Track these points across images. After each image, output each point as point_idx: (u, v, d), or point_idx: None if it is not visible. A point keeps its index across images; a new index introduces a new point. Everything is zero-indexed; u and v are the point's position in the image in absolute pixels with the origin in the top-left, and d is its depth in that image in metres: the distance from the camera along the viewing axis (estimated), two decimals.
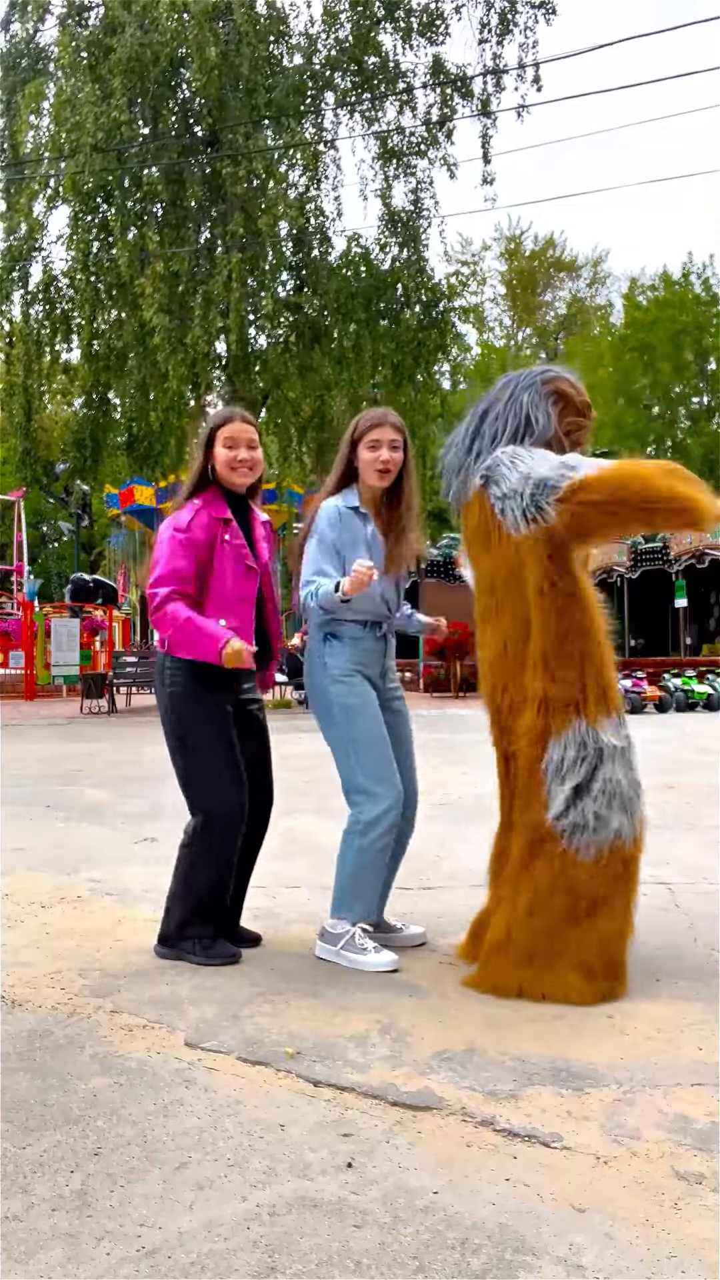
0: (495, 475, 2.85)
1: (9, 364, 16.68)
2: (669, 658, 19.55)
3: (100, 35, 14.67)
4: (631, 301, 34.09)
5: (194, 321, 13.91)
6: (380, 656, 3.17)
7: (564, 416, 2.95)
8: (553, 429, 2.92)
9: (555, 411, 2.93)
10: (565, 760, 2.76)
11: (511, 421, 2.91)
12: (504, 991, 2.76)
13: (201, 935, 3.07)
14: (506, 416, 2.92)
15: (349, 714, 3.03)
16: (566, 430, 2.96)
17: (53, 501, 30.55)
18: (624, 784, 2.78)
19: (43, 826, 5.36)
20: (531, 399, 2.92)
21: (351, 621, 3.09)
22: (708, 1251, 1.60)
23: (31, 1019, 2.61)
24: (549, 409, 2.92)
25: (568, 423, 2.96)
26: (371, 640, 3.13)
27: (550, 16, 15.69)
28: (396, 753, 3.14)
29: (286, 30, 15.67)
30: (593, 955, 2.75)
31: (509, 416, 2.92)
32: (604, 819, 2.75)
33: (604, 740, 2.77)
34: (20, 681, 17.38)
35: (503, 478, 2.82)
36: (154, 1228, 1.67)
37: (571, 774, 2.76)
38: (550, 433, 2.91)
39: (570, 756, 2.76)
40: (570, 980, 2.72)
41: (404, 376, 16.35)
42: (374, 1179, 1.81)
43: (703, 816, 5.52)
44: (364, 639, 3.11)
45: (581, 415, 2.99)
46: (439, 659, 18.79)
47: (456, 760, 8.13)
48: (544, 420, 2.90)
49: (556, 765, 2.77)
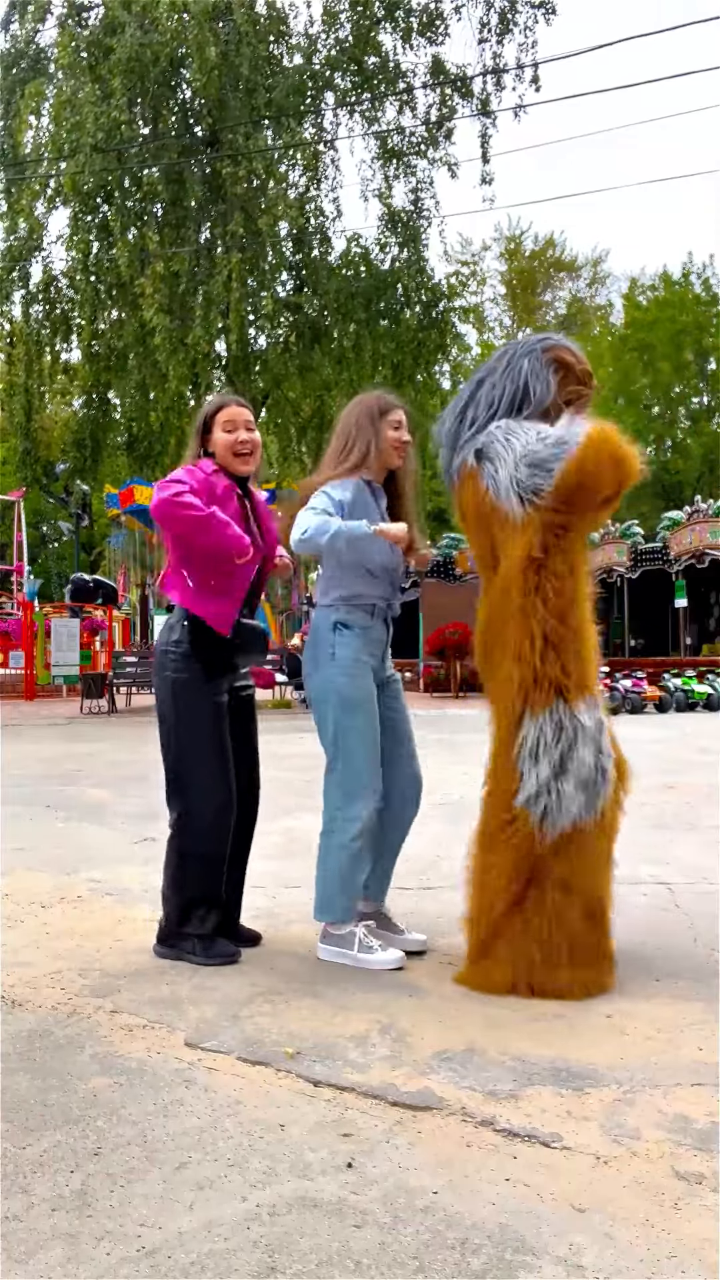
0: (489, 453, 2.80)
1: (9, 364, 16.71)
2: (669, 658, 19.55)
3: (100, 35, 14.68)
4: (631, 301, 34.10)
5: (194, 321, 13.92)
6: (385, 644, 3.17)
7: (564, 385, 2.91)
8: (551, 397, 2.87)
9: (555, 380, 2.88)
10: (542, 740, 2.73)
11: (509, 389, 2.87)
12: (494, 989, 2.76)
13: (200, 933, 3.05)
14: (504, 384, 2.88)
15: (349, 708, 3.00)
16: (567, 399, 2.91)
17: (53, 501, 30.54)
18: (590, 765, 2.74)
19: (43, 826, 5.36)
20: (531, 366, 2.87)
21: (361, 609, 3.07)
22: (708, 1251, 1.60)
23: (31, 1019, 2.61)
24: (549, 377, 2.87)
25: (568, 391, 2.91)
26: (379, 628, 3.12)
27: (550, 16, 15.70)
28: (395, 735, 3.14)
29: (286, 30, 15.68)
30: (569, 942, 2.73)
31: (506, 384, 2.88)
32: (570, 799, 2.72)
33: (580, 721, 2.74)
34: (20, 681, 17.38)
35: (496, 455, 2.77)
36: (154, 1228, 1.67)
37: (546, 754, 2.72)
38: (549, 401, 2.87)
39: (547, 737, 2.73)
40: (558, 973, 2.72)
41: (404, 376, 16.35)
42: (374, 1179, 1.81)
43: (703, 816, 5.52)
44: (373, 627, 3.09)
45: (582, 384, 2.95)
46: (439, 659, 18.79)
47: (457, 760, 8.13)
48: (542, 389, 2.86)
49: (532, 745, 2.74)
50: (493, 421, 2.87)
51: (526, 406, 2.86)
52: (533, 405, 2.86)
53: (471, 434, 2.90)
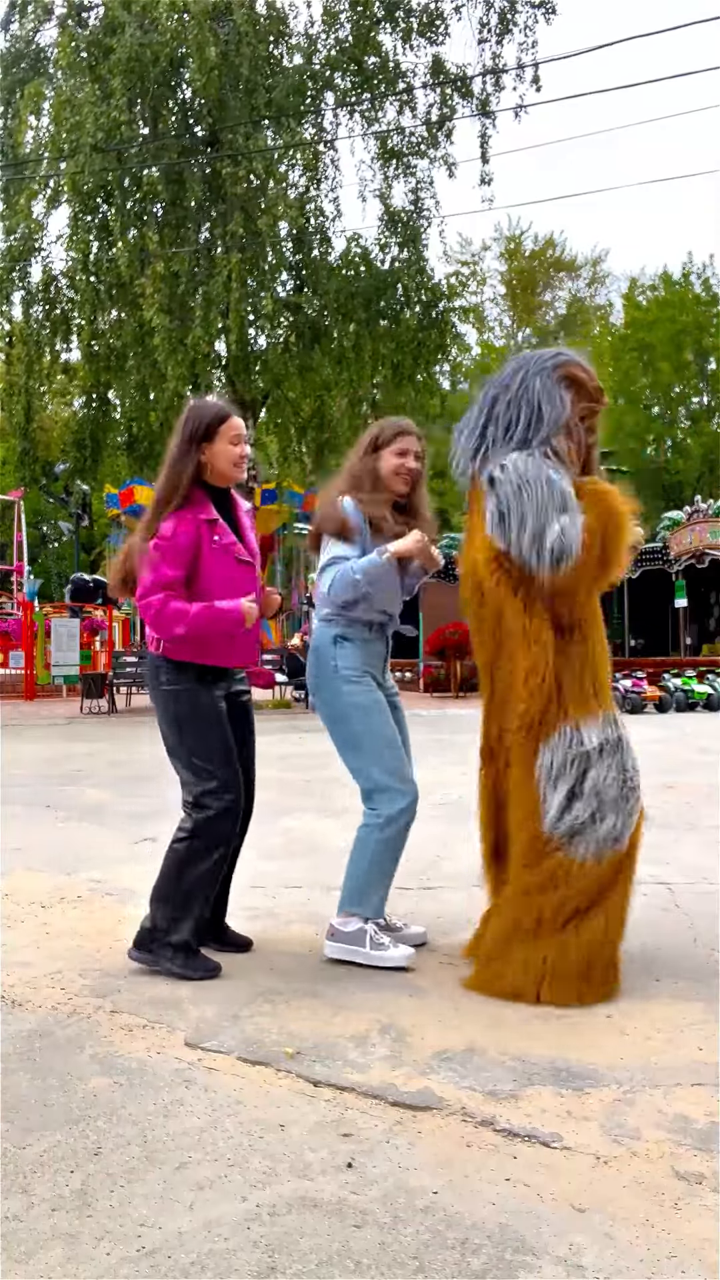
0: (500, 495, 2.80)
1: (9, 364, 16.69)
2: (669, 658, 19.55)
3: (100, 35, 14.68)
4: (631, 301, 34.08)
5: (194, 321, 13.92)
6: (384, 658, 3.22)
7: (577, 402, 2.92)
8: (565, 415, 2.88)
9: (569, 397, 2.90)
10: (554, 764, 2.75)
11: (524, 410, 2.88)
12: (501, 994, 2.76)
13: (181, 943, 2.97)
14: (520, 404, 2.89)
15: (364, 713, 3.04)
16: (580, 416, 2.94)
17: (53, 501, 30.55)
18: (613, 784, 2.76)
19: (43, 826, 5.36)
20: (543, 385, 2.88)
21: (361, 624, 3.10)
22: (708, 1251, 1.60)
23: (31, 1019, 2.61)
24: (562, 394, 2.88)
25: (580, 408, 2.93)
26: (380, 643, 3.17)
27: (550, 16, 15.70)
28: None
29: (286, 30, 15.68)
30: (588, 958, 2.74)
31: (521, 404, 2.88)
32: (596, 820, 2.74)
33: (590, 741, 2.76)
34: (20, 681, 17.38)
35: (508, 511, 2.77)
36: (154, 1228, 1.67)
37: (564, 777, 2.74)
38: (563, 419, 2.88)
39: (559, 759, 2.75)
40: (568, 985, 2.72)
41: (404, 376, 16.35)
42: (374, 1179, 1.81)
43: (703, 816, 5.52)
44: (373, 641, 3.14)
45: (594, 400, 2.97)
46: (439, 659, 18.79)
47: (456, 760, 8.13)
48: (556, 408, 2.87)
49: (548, 769, 2.76)
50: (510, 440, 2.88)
51: (540, 427, 2.87)
52: (546, 425, 2.87)
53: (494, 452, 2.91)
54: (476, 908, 3.65)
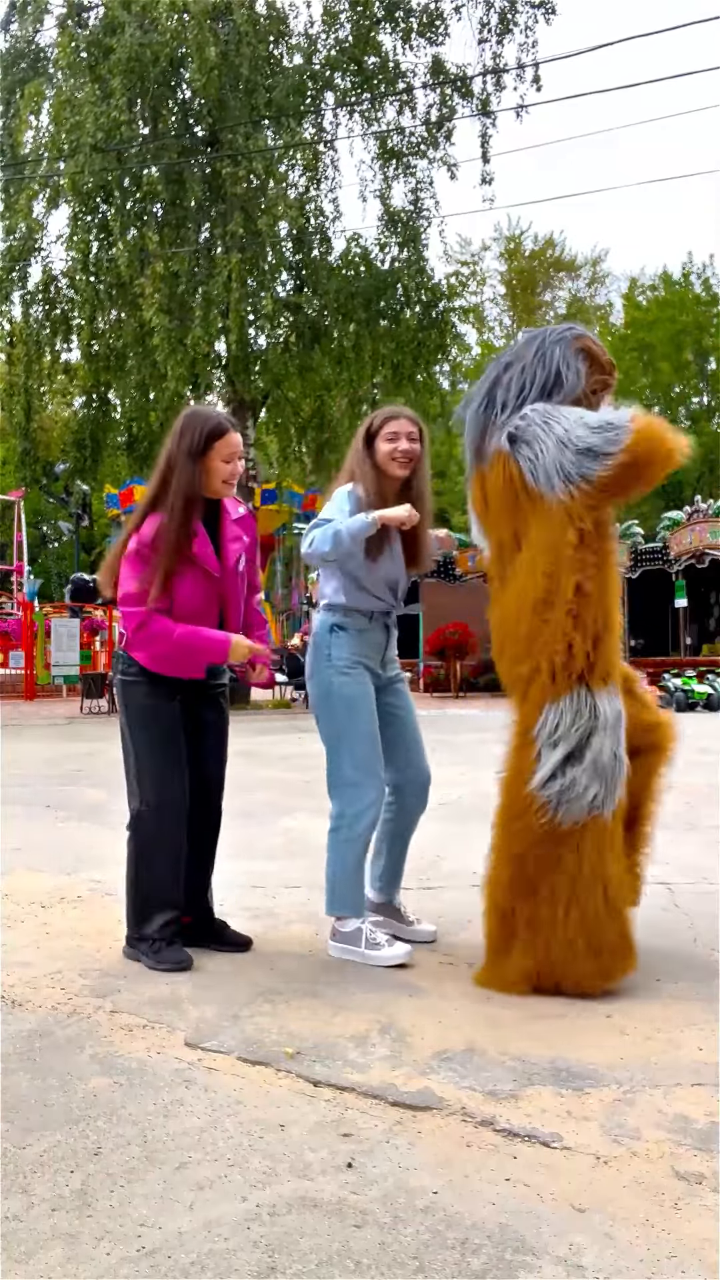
0: (526, 435, 2.79)
1: (9, 364, 16.69)
2: (669, 658, 19.55)
3: (100, 35, 14.67)
4: (631, 301, 34.11)
5: (194, 321, 13.91)
6: (383, 647, 3.20)
7: (590, 375, 2.92)
8: (581, 385, 2.88)
9: (585, 368, 2.90)
10: (561, 725, 2.72)
11: (541, 374, 2.86)
12: (513, 986, 2.75)
13: (153, 937, 3.02)
14: (535, 369, 2.88)
15: (348, 706, 3.06)
16: (592, 389, 2.93)
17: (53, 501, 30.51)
18: (609, 754, 2.74)
19: (43, 826, 5.36)
20: (563, 353, 2.87)
21: (359, 613, 3.11)
22: (708, 1251, 1.60)
23: (31, 1019, 2.61)
24: (579, 365, 2.88)
25: (593, 381, 2.93)
26: (378, 631, 3.16)
27: (550, 16, 15.69)
28: (402, 731, 3.20)
29: (286, 30, 15.67)
30: (593, 934, 2.73)
31: (538, 369, 2.87)
32: (586, 786, 2.71)
33: (601, 709, 2.74)
34: (20, 681, 17.38)
35: (535, 438, 2.76)
36: (154, 1228, 1.67)
37: (565, 739, 2.72)
38: (579, 389, 2.88)
39: (566, 721, 2.72)
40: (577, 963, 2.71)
41: (404, 376, 16.35)
42: (374, 1179, 1.81)
43: (703, 816, 5.52)
44: (370, 630, 3.14)
45: (606, 374, 2.97)
46: (439, 659, 18.79)
47: (457, 760, 8.13)
48: (574, 376, 2.87)
49: (551, 729, 2.73)
50: (524, 406, 2.87)
51: (557, 392, 2.86)
52: (564, 391, 2.86)
53: (505, 417, 2.88)
54: (476, 908, 3.65)
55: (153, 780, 3.04)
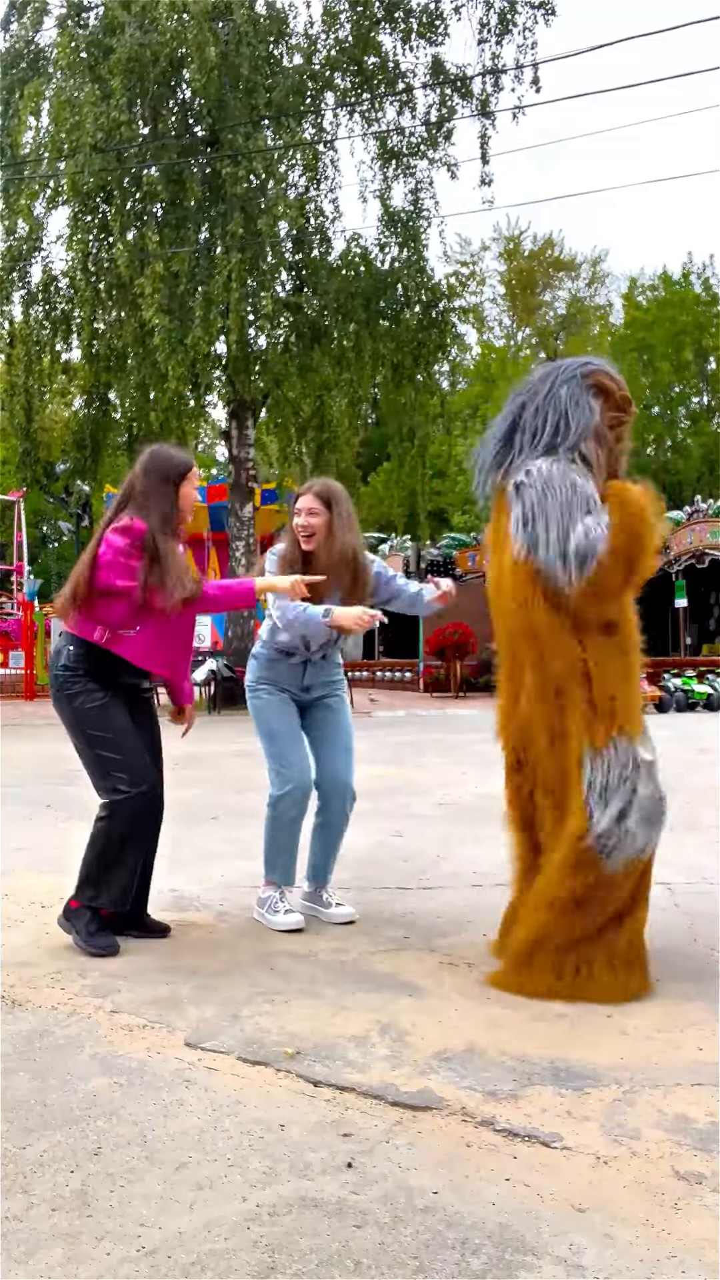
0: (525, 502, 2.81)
1: (9, 364, 16.67)
2: (669, 658, 19.54)
3: (100, 35, 14.65)
4: (631, 302, 34.09)
5: (194, 322, 13.90)
6: (298, 676, 3.56)
7: (604, 412, 2.93)
8: (593, 422, 2.89)
9: (598, 406, 2.91)
10: (610, 780, 2.75)
11: (551, 417, 2.89)
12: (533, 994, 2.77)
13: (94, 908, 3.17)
14: (546, 411, 2.90)
15: (258, 713, 3.58)
16: (609, 425, 2.94)
17: (53, 501, 30.50)
18: (649, 799, 2.78)
19: (43, 826, 5.36)
20: (571, 394, 2.89)
21: (274, 648, 3.54)
22: (708, 1251, 1.60)
23: (31, 1019, 2.61)
24: (590, 403, 2.89)
25: (609, 418, 2.94)
26: (285, 665, 3.55)
27: (550, 18, 15.66)
28: (324, 742, 3.59)
29: (286, 30, 15.64)
30: (619, 955, 2.78)
31: (548, 411, 2.90)
32: (636, 835, 2.76)
33: (640, 757, 2.78)
34: (20, 681, 17.36)
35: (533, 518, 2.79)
36: (154, 1228, 1.67)
37: (617, 795, 2.75)
38: (591, 426, 2.89)
39: (614, 776, 2.75)
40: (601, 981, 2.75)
41: (404, 376, 16.34)
42: (374, 1179, 1.81)
43: (703, 816, 5.52)
44: (279, 661, 3.55)
45: (621, 410, 2.98)
46: (439, 659, 18.79)
47: (456, 760, 8.13)
48: (584, 417, 2.88)
49: (601, 786, 2.75)
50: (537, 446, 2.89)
51: (568, 435, 2.88)
52: (574, 434, 2.88)
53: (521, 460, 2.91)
54: (476, 908, 3.66)
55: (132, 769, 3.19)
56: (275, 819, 3.50)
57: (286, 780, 3.47)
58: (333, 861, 3.65)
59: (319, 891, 3.63)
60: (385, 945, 3.24)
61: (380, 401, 17.73)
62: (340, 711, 3.67)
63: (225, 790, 5.31)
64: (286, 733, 3.53)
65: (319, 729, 3.62)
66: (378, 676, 21.32)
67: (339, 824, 3.60)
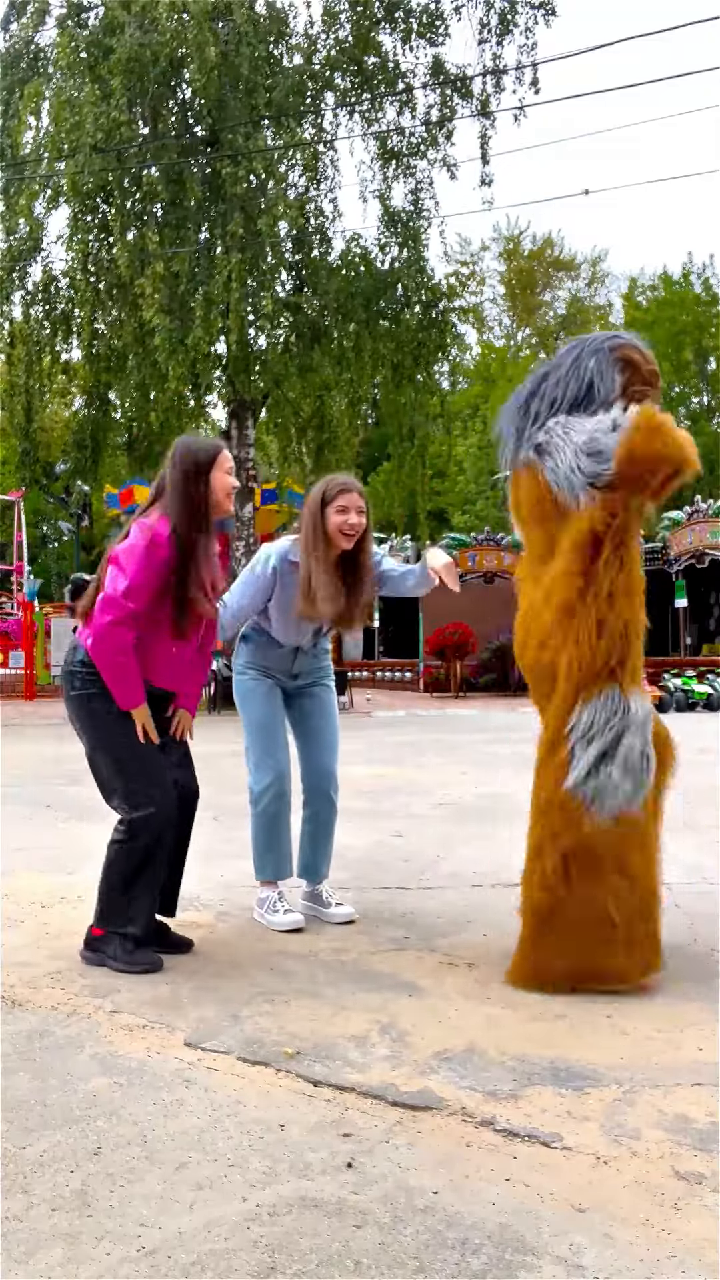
0: (549, 447, 2.85)
1: (9, 364, 16.68)
2: (669, 658, 19.54)
3: (100, 36, 14.66)
4: (631, 302, 34.10)
5: (194, 322, 13.90)
6: (287, 663, 3.53)
7: (630, 383, 2.93)
8: (615, 393, 2.89)
9: (621, 378, 2.91)
10: (595, 723, 2.75)
11: (574, 385, 2.90)
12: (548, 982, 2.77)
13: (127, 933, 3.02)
14: (569, 380, 2.91)
15: (242, 700, 3.52)
16: (635, 398, 2.93)
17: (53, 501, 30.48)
18: (637, 753, 2.77)
19: (43, 826, 5.36)
20: (597, 364, 2.89)
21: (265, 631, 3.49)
22: (708, 1251, 1.60)
23: (31, 1019, 2.61)
24: (614, 374, 2.90)
25: (634, 391, 2.93)
26: (276, 651, 3.50)
27: (550, 18, 15.67)
28: (309, 733, 3.58)
29: (286, 30, 15.64)
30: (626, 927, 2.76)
31: (570, 380, 2.91)
32: (618, 784, 2.74)
33: (633, 708, 2.78)
34: (20, 681, 17.37)
35: (556, 449, 2.82)
36: (154, 1228, 1.67)
37: (599, 737, 2.75)
38: (613, 397, 2.89)
39: (600, 720, 2.75)
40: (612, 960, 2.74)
41: (404, 376, 16.34)
42: (374, 1179, 1.81)
43: (702, 816, 5.52)
44: (270, 647, 3.51)
45: (648, 383, 2.97)
46: (439, 659, 18.79)
47: (457, 760, 8.13)
48: (606, 386, 2.88)
49: (585, 727, 2.76)
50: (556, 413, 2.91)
51: (590, 404, 2.89)
52: (596, 402, 2.88)
53: (535, 429, 2.94)
54: (476, 908, 3.66)
55: (149, 785, 3.02)
56: (260, 815, 3.45)
57: (267, 771, 3.43)
58: (325, 857, 3.61)
59: (318, 890, 3.60)
60: (385, 945, 3.24)
61: (380, 401, 17.74)
62: (326, 701, 3.63)
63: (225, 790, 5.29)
64: (271, 724, 3.49)
65: (305, 719, 3.59)
66: (378, 676, 21.33)
67: (327, 815, 3.57)
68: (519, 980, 2.83)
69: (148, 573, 2.92)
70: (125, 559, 2.94)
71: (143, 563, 2.91)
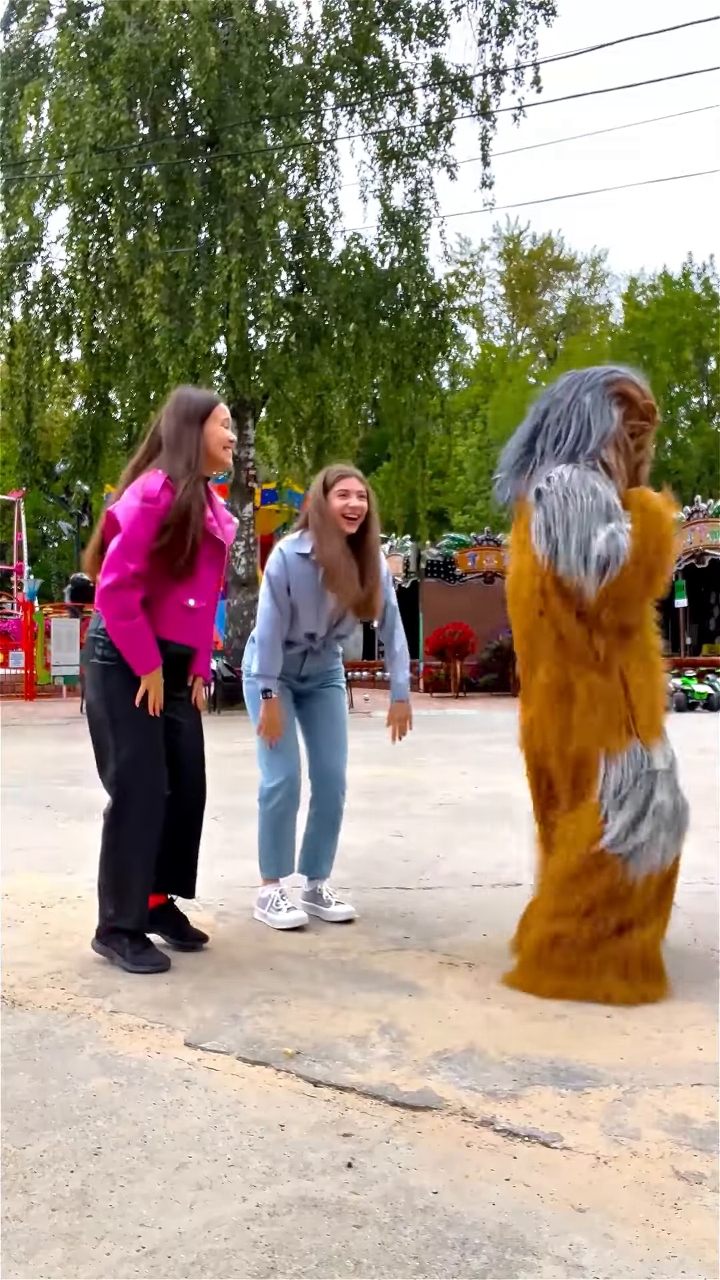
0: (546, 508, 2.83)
1: (9, 364, 16.67)
2: (669, 658, 19.57)
3: (100, 36, 14.65)
4: (631, 302, 34.10)
5: (194, 322, 13.89)
6: (296, 665, 3.56)
7: (627, 420, 2.94)
8: (613, 430, 2.90)
9: (619, 414, 2.92)
10: (624, 783, 2.77)
11: (575, 424, 2.91)
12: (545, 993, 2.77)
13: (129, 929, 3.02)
14: (570, 418, 2.92)
15: (254, 702, 3.54)
16: (631, 433, 2.96)
17: (53, 501, 30.54)
18: (669, 807, 2.80)
19: (43, 826, 5.37)
20: (593, 401, 2.91)
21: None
22: (708, 1251, 1.60)
23: (31, 1019, 2.61)
24: (611, 411, 2.91)
25: (631, 426, 2.95)
26: (286, 652, 3.52)
27: (550, 18, 15.66)
28: (317, 732, 3.61)
29: (286, 30, 15.63)
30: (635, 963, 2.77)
31: (571, 418, 2.91)
32: (654, 843, 2.77)
33: (656, 763, 2.80)
34: (20, 681, 17.36)
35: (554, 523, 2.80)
36: (154, 1228, 1.67)
37: (631, 799, 2.77)
38: (610, 433, 2.90)
39: (629, 778, 2.77)
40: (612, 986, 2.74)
41: (404, 376, 16.33)
42: (374, 1179, 1.81)
43: (702, 816, 5.51)
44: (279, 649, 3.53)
45: (645, 419, 2.98)
46: (439, 659, 18.79)
47: (457, 760, 8.13)
48: (606, 424, 2.89)
49: (615, 788, 2.77)
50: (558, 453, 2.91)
51: (589, 442, 2.90)
52: (594, 441, 2.90)
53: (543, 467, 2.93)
54: (476, 908, 3.66)
55: (138, 770, 3.03)
56: (269, 814, 3.50)
57: (278, 770, 3.48)
58: (329, 855, 3.65)
59: (318, 890, 3.62)
60: (385, 945, 3.24)
61: (380, 401, 17.72)
62: (336, 702, 3.68)
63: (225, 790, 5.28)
64: (281, 725, 3.52)
65: (313, 719, 3.63)
66: (378, 677, 21.34)
67: (333, 815, 3.61)
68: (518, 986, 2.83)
69: (144, 530, 2.92)
70: (122, 518, 2.96)
71: (138, 521, 2.93)
